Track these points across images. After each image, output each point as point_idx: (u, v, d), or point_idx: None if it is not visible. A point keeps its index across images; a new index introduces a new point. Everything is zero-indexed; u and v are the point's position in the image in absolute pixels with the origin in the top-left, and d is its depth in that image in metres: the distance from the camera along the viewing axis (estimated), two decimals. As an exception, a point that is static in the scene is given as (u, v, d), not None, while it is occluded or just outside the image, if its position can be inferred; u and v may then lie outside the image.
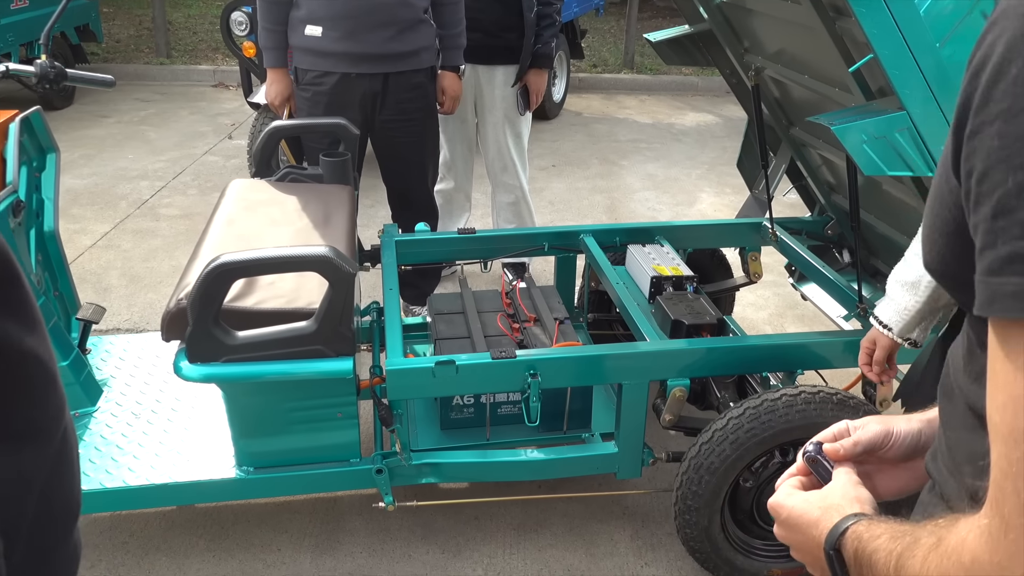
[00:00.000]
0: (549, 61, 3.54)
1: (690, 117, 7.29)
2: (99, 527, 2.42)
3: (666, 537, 2.45)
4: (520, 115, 3.63)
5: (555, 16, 3.46)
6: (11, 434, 0.62)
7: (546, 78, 3.59)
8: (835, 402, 2.03)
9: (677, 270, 2.56)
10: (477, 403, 2.35)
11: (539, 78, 3.53)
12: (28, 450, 0.63)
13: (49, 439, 0.69)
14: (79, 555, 0.76)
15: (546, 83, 3.61)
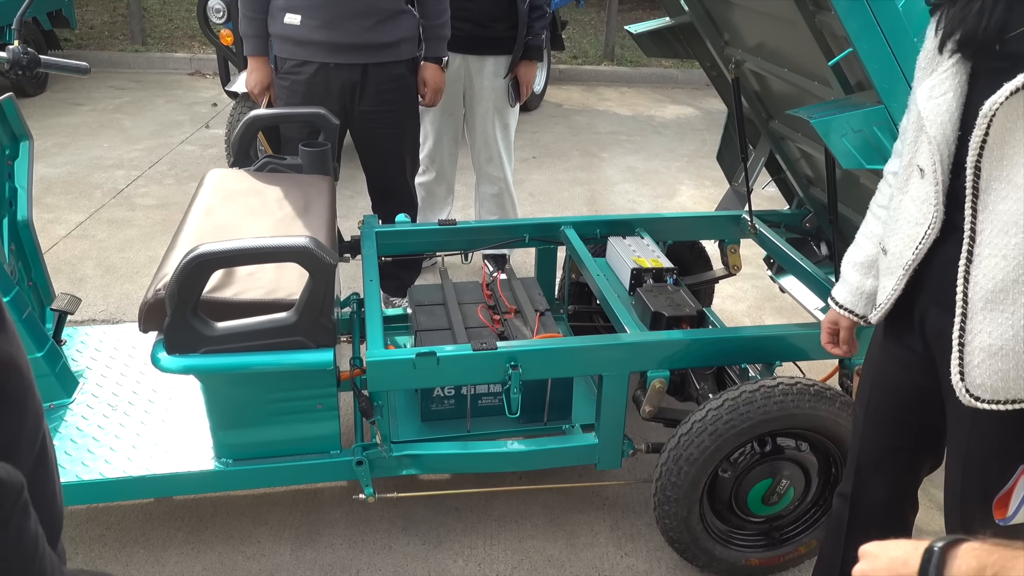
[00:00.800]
0: (540, 53, 3.54)
1: (670, 110, 7.30)
2: (76, 520, 2.40)
3: (645, 527, 2.47)
4: (510, 107, 3.62)
5: (545, 7, 3.45)
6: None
7: (536, 70, 3.60)
8: (812, 393, 2.05)
9: (657, 262, 2.57)
10: (458, 395, 2.35)
11: (530, 69, 3.53)
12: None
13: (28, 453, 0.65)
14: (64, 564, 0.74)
15: (535, 74, 3.61)
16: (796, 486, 2.17)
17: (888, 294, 1.50)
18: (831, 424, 2.07)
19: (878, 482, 1.73)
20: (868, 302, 1.64)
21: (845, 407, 2.07)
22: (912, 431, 1.64)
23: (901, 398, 1.61)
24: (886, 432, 1.67)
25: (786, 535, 2.28)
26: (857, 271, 1.65)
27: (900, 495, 1.75)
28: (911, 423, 1.63)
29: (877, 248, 1.58)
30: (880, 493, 1.74)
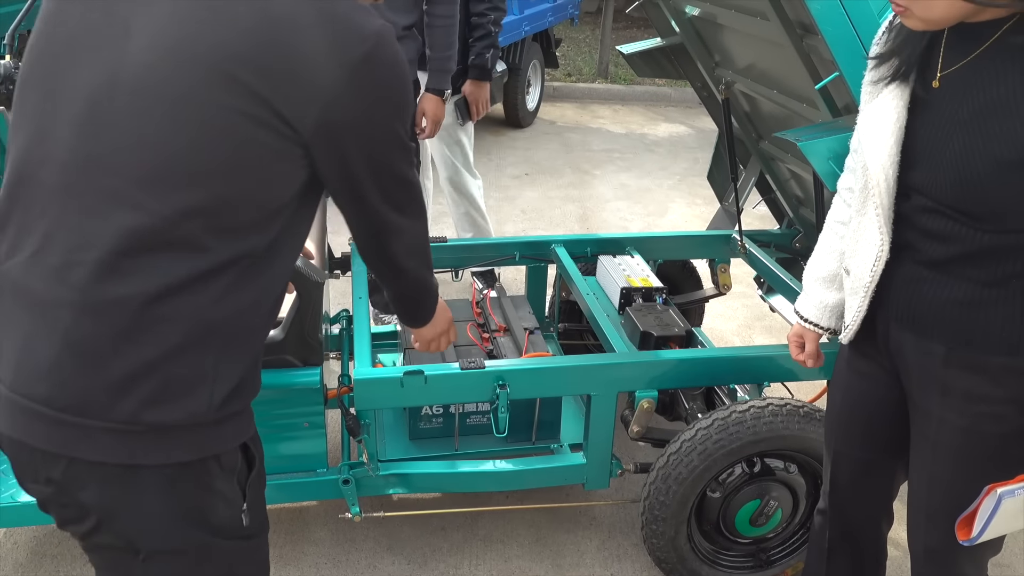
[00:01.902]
0: (485, 73, 3.38)
1: (663, 128, 7.34)
2: (58, 537, 2.37)
3: (632, 548, 2.45)
4: (460, 125, 3.55)
5: (489, 27, 3.30)
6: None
7: (487, 90, 3.45)
8: (801, 414, 2.05)
9: (647, 281, 2.58)
10: (446, 413, 2.34)
11: (477, 90, 3.40)
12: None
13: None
14: None
15: (488, 95, 3.48)
16: (784, 507, 2.16)
17: (854, 314, 1.53)
18: (819, 445, 2.06)
19: (855, 497, 1.75)
20: (832, 315, 1.67)
21: (833, 428, 2.07)
22: (884, 443, 1.66)
23: (871, 412, 1.63)
24: (859, 446, 1.68)
25: (773, 556, 2.27)
26: (820, 285, 1.67)
27: (877, 508, 1.77)
28: (883, 436, 1.65)
29: (838, 263, 1.62)
30: (858, 507, 1.76)
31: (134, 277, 1.04)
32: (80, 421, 1.05)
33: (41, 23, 1.13)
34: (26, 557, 2.32)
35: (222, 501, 1.18)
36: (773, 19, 1.98)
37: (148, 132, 1.03)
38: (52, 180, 1.07)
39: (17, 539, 2.38)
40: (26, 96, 1.12)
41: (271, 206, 1.11)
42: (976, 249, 1.31)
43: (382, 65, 1.10)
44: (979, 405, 1.39)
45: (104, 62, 1.05)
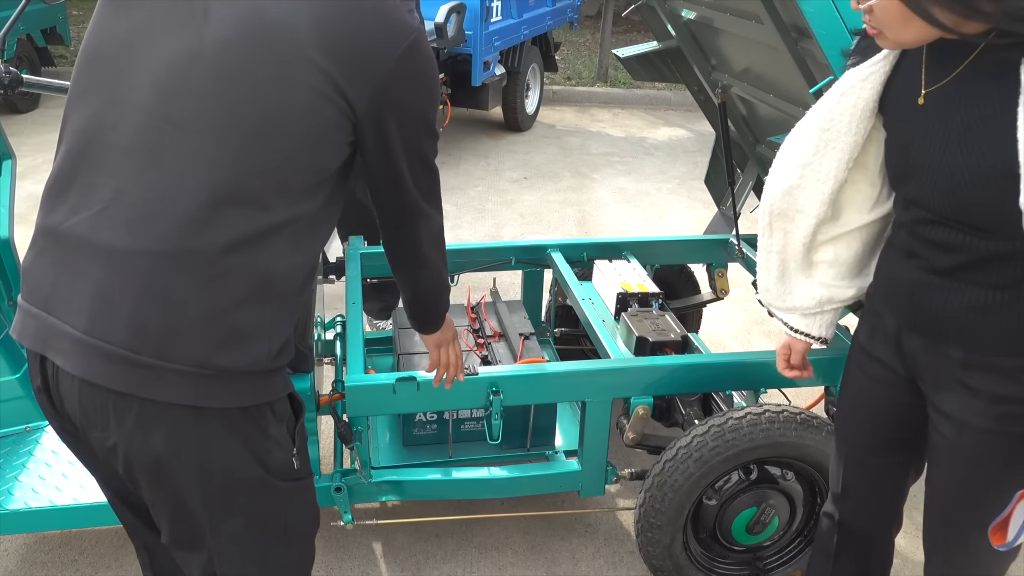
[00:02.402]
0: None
1: (663, 131, 7.33)
2: (48, 545, 2.36)
3: (628, 555, 2.43)
4: None
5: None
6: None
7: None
8: (799, 421, 2.03)
9: (643, 287, 2.55)
10: (440, 419, 2.32)
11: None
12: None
13: None
14: None
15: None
16: (781, 515, 2.14)
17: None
18: (817, 453, 2.05)
19: (867, 501, 1.73)
20: (822, 324, 1.68)
21: (831, 436, 2.04)
22: (897, 446, 1.64)
23: (886, 417, 1.61)
24: (873, 451, 1.66)
25: (770, 565, 2.25)
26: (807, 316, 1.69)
27: (887, 512, 1.75)
28: (896, 439, 1.63)
29: None
30: (869, 512, 1.74)
31: (209, 229, 1.13)
32: (155, 362, 1.13)
33: (108, 10, 1.24)
34: (16, 564, 2.30)
35: (276, 445, 1.29)
36: (767, 22, 1.96)
37: (228, 98, 1.14)
38: (125, 142, 1.16)
39: (7, 546, 2.36)
40: (95, 70, 1.22)
41: (321, 175, 1.24)
42: (982, 256, 1.31)
43: (421, 56, 1.26)
44: (1001, 406, 1.37)
45: (184, 39, 1.16)
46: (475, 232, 4.84)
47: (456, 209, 5.17)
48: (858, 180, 1.51)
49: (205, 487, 1.25)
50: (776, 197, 1.56)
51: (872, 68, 1.39)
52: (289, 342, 1.28)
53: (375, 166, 1.34)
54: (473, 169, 5.97)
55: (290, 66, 1.15)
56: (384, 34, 1.21)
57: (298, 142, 1.18)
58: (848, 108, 1.41)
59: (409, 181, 1.37)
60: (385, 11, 1.22)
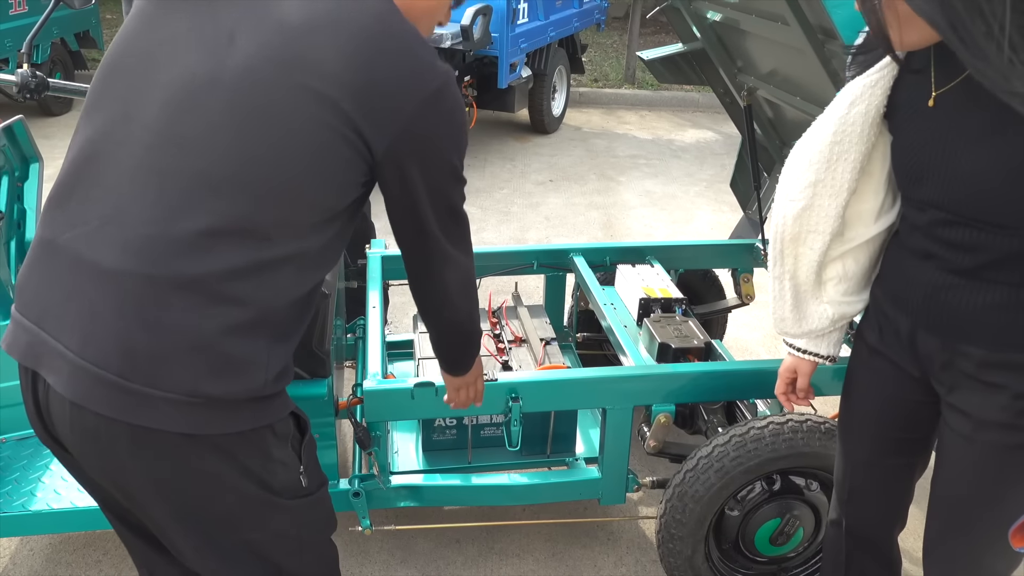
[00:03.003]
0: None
1: (690, 133, 7.27)
2: (73, 545, 2.38)
3: (650, 564, 2.40)
4: None
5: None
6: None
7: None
8: (823, 431, 1.99)
9: (666, 292, 2.52)
10: (459, 425, 2.31)
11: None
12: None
13: None
14: None
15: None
16: (805, 527, 2.10)
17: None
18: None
19: (873, 504, 1.70)
20: (830, 342, 1.65)
21: (856, 446, 2.00)
22: (906, 447, 1.62)
23: (896, 417, 1.58)
24: (880, 452, 1.64)
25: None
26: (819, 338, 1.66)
27: (894, 513, 1.72)
28: (906, 439, 1.61)
29: None
30: (875, 514, 1.72)
31: (208, 257, 1.10)
32: (146, 390, 1.10)
33: (136, 22, 1.22)
34: (41, 564, 2.32)
35: (280, 466, 1.26)
36: (793, 24, 1.92)
37: (240, 126, 1.12)
38: (131, 160, 1.13)
39: (33, 546, 2.38)
40: (112, 81, 1.20)
41: (330, 212, 1.20)
42: (1005, 254, 1.28)
43: (448, 101, 1.22)
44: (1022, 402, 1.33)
45: (206, 61, 1.14)
46: (500, 235, 4.83)
47: (481, 212, 5.16)
48: (864, 191, 1.47)
49: (206, 513, 1.23)
50: (788, 222, 1.52)
51: (880, 73, 1.36)
52: (288, 368, 1.25)
53: (398, 211, 1.30)
54: (499, 171, 5.96)
55: (308, 102, 1.12)
56: (410, 77, 1.18)
57: (308, 179, 1.16)
58: (860, 116, 1.38)
59: (435, 227, 1.32)
60: (414, 54, 1.19)
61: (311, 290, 1.26)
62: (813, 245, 1.51)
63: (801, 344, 1.67)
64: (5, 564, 2.32)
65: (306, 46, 1.13)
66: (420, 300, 1.48)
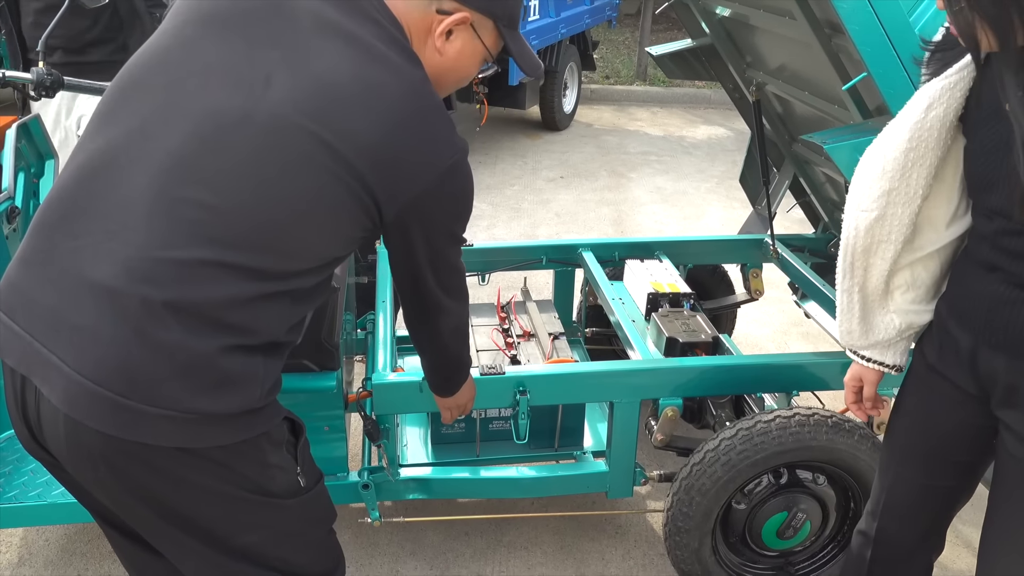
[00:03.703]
0: None
1: (702, 130, 7.25)
2: (87, 535, 2.42)
3: (658, 557, 2.41)
4: None
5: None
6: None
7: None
8: (830, 425, 1.99)
9: (674, 287, 2.53)
10: (468, 418, 2.32)
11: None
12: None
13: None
14: None
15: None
16: (813, 520, 2.10)
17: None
18: (849, 457, 2.01)
19: (909, 523, 1.65)
20: (896, 351, 1.58)
21: (864, 440, 2.00)
22: (955, 469, 1.56)
23: (947, 436, 1.53)
24: (926, 471, 1.58)
25: (801, 571, 2.21)
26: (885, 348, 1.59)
27: (929, 535, 1.67)
28: (955, 462, 1.55)
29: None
30: (909, 534, 1.66)
31: (207, 285, 1.12)
32: (142, 407, 1.11)
33: (169, 39, 1.22)
34: (56, 554, 2.36)
35: (278, 471, 1.29)
36: (800, 18, 1.93)
37: (260, 172, 1.14)
38: (145, 179, 1.13)
39: (48, 536, 2.42)
40: (133, 95, 1.20)
41: (329, 258, 1.26)
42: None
43: (460, 177, 1.28)
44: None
45: (239, 98, 1.14)
46: (510, 231, 4.84)
47: (492, 208, 5.18)
48: (936, 197, 1.42)
49: (206, 523, 1.24)
50: (860, 234, 1.46)
51: (960, 74, 1.31)
52: (279, 379, 1.28)
53: (399, 266, 1.39)
54: (510, 168, 5.97)
55: (329, 161, 1.15)
56: (429, 152, 1.22)
57: (316, 231, 1.20)
58: (937, 120, 1.33)
59: (431, 281, 1.41)
60: (436, 130, 1.24)
61: (306, 313, 1.33)
62: (884, 255, 1.46)
63: (867, 353, 1.61)
64: (21, 554, 2.36)
65: (337, 107, 1.15)
66: (414, 338, 1.61)
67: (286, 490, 1.30)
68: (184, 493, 1.20)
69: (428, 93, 1.24)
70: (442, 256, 1.39)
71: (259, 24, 1.18)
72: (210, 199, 1.12)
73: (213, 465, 1.19)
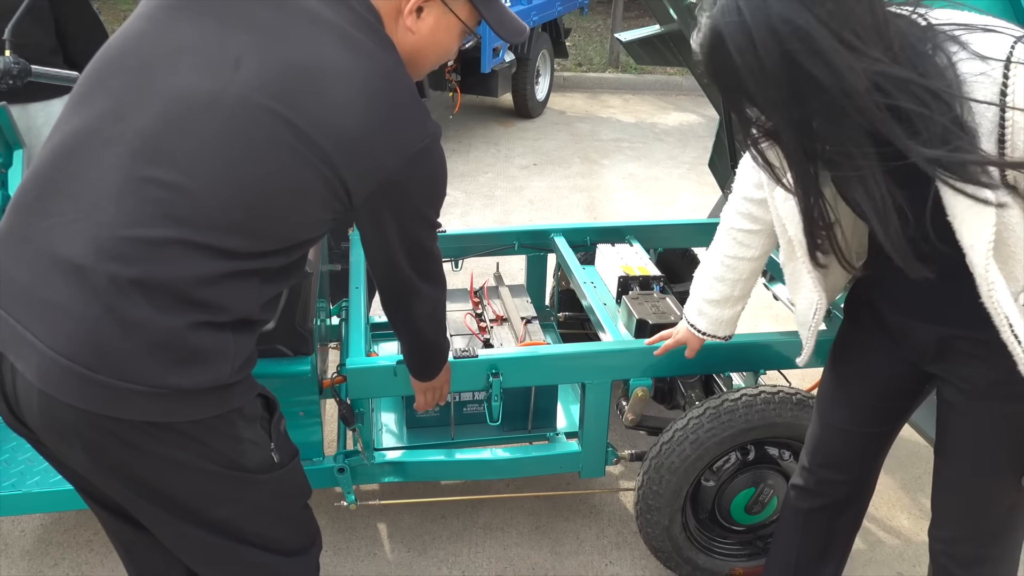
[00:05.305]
0: None
1: (673, 117, 7.30)
2: (63, 525, 2.42)
3: (631, 536, 2.46)
4: None
5: None
6: None
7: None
8: (795, 402, 2.05)
9: (644, 270, 2.57)
10: (443, 402, 2.35)
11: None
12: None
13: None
14: None
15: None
16: (779, 495, 2.16)
17: (806, 338, 1.71)
18: (814, 433, 2.06)
19: (843, 470, 1.77)
20: (727, 326, 1.86)
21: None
22: (883, 416, 1.70)
23: (876, 388, 1.66)
24: (858, 421, 1.71)
25: (770, 544, 2.26)
26: (714, 307, 1.81)
27: (861, 480, 1.80)
28: (884, 409, 1.69)
29: (732, 290, 1.77)
30: (846, 482, 1.78)
31: (176, 264, 1.14)
32: (113, 382, 1.13)
33: (142, 23, 1.23)
34: (32, 544, 2.36)
35: (251, 446, 1.31)
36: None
37: (228, 154, 1.15)
38: (116, 160, 1.15)
39: (24, 527, 2.42)
40: (108, 76, 1.21)
41: (298, 240, 1.26)
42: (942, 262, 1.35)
43: (431, 161, 1.29)
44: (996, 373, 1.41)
45: (209, 81, 1.16)
46: (484, 218, 4.86)
47: (466, 196, 5.19)
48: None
49: (180, 496, 1.27)
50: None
51: None
52: (252, 355, 1.29)
53: (372, 250, 1.40)
54: (483, 156, 5.99)
55: (297, 144, 1.16)
56: (398, 135, 1.22)
57: (283, 214, 1.21)
58: None
59: (404, 265, 1.41)
60: (408, 114, 1.24)
61: (277, 292, 1.33)
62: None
63: (700, 325, 1.88)
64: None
65: (306, 90, 1.16)
66: (391, 322, 1.61)
67: (259, 465, 1.32)
68: (157, 467, 1.22)
69: (399, 77, 1.25)
70: (415, 241, 1.39)
71: (232, 7, 1.20)
72: (178, 179, 1.13)
73: (185, 439, 1.21)
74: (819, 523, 1.83)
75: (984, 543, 1.58)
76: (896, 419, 1.72)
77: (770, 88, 1.15)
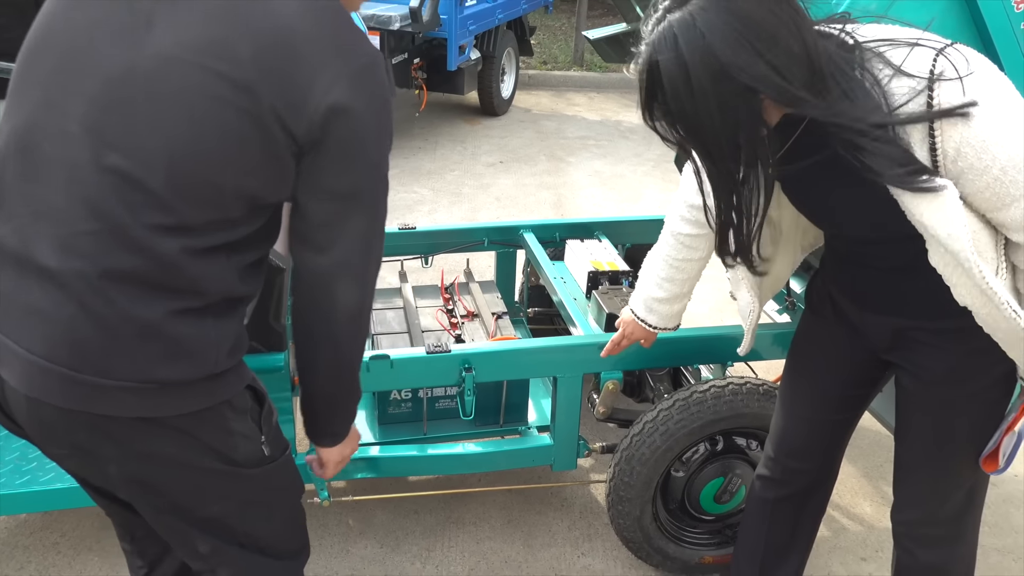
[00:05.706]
0: None
1: (638, 115, 7.31)
2: (30, 528, 2.38)
3: (603, 527, 2.49)
4: None
5: None
6: None
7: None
8: (761, 393, 2.09)
9: (614, 265, 2.60)
10: (415, 397, 2.36)
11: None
12: None
13: None
14: None
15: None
16: (747, 484, 2.20)
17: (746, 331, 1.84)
18: (780, 423, 2.11)
19: (808, 458, 1.82)
20: (676, 318, 1.92)
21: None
22: (845, 404, 1.76)
23: (837, 377, 1.72)
24: (821, 409, 1.76)
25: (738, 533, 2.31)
26: (663, 304, 1.88)
27: (831, 464, 1.86)
28: (845, 397, 1.75)
29: (680, 288, 1.84)
30: (811, 470, 1.84)
31: (140, 250, 1.10)
32: (98, 380, 1.12)
33: (55, 4, 1.18)
34: (-3, 548, 2.32)
35: (242, 439, 1.28)
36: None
37: (158, 121, 1.09)
38: (56, 152, 1.11)
39: (-12, 531, 2.38)
40: (35, 61, 1.16)
41: (257, 202, 1.17)
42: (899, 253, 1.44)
43: (373, 84, 1.16)
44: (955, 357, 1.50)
45: (124, 49, 1.10)
46: (451, 216, 4.87)
47: (433, 193, 5.19)
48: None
49: (172, 491, 1.26)
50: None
51: None
52: (241, 338, 1.25)
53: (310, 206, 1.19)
54: (449, 154, 5.99)
55: (227, 92, 1.08)
56: (333, 54, 1.12)
57: (230, 171, 1.12)
58: None
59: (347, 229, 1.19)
60: (338, 34, 1.15)
61: (251, 264, 1.24)
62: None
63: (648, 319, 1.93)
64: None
65: (225, 33, 1.09)
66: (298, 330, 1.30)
67: (249, 459, 1.30)
68: (147, 463, 1.21)
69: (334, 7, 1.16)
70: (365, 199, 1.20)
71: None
72: (120, 162, 1.09)
73: (176, 434, 1.20)
74: (785, 512, 1.88)
75: (944, 524, 1.63)
76: (857, 407, 1.78)
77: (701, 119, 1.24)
